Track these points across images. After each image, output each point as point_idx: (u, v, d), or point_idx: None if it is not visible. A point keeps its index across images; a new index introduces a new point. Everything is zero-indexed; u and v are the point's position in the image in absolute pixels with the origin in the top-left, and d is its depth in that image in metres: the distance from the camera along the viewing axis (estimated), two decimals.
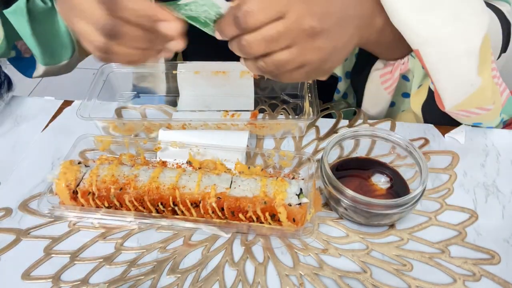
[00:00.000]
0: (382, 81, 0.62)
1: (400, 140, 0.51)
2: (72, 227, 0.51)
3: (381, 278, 0.45)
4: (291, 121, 0.60)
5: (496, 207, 0.51)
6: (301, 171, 0.56)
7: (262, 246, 0.48)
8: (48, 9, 0.66)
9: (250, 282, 0.45)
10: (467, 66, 0.50)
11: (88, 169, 0.50)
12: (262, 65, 0.46)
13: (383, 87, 0.62)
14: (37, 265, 0.47)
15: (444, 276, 0.45)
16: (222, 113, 0.64)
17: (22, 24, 0.63)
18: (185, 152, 0.55)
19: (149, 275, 0.46)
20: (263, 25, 0.42)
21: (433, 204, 0.52)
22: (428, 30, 0.49)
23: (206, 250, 0.48)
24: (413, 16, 0.48)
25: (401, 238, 0.48)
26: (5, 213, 0.52)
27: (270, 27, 0.42)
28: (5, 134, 0.64)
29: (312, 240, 0.49)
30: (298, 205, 0.46)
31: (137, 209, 0.49)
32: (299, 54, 0.44)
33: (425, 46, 0.50)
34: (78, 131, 0.59)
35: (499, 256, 0.46)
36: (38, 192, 0.55)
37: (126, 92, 0.71)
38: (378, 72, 0.61)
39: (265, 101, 0.68)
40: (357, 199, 0.45)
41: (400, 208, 0.45)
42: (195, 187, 0.48)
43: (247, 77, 0.65)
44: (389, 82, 0.61)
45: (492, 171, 0.56)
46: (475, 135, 0.61)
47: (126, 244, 0.49)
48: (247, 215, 0.46)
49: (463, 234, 0.48)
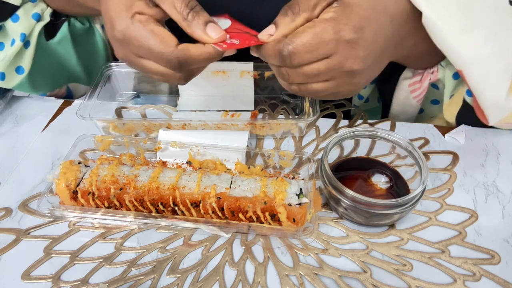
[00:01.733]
0: (411, 90, 0.61)
1: (400, 140, 0.51)
2: (72, 227, 0.51)
3: (381, 278, 0.45)
4: (291, 121, 0.60)
5: (496, 207, 0.51)
6: (301, 171, 0.56)
7: (262, 246, 0.48)
8: (87, 29, 0.68)
9: (250, 282, 0.45)
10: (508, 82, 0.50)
11: (88, 169, 0.50)
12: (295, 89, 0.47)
13: (412, 96, 0.62)
14: (37, 265, 0.47)
15: (444, 276, 0.45)
16: (222, 113, 0.64)
17: (68, 51, 0.66)
18: (185, 152, 0.55)
19: (149, 275, 0.46)
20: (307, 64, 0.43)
21: (433, 204, 0.52)
22: (470, 50, 0.49)
23: (206, 250, 0.48)
24: (456, 37, 0.48)
25: (401, 238, 0.48)
26: (5, 213, 0.52)
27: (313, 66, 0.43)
28: (5, 134, 0.64)
29: (312, 240, 0.49)
30: (298, 205, 0.46)
31: (137, 209, 0.49)
32: (334, 87, 0.45)
33: (468, 66, 0.50)
34: (78, 131, 0.59)
35: (499, 256, 0.46)
36: (38, 192, 0.55)
37: (126, 92, 0.71)
38: (407, 81, 0.61)
39: (265, 101, 0.68)
40: (357, 199, 0.45)
41: (400, 208, 0.45)
42: (195, 187, 0.48)
43: (247, 77, 0.65)
44: (418, 91, 0.61)
45: (492, 171, 0.56)
46: (475, 135, 0.61)
47: (126, 244, 0.49)
48: (247, 215, 0.46)
49: (463, 234, 0.48)
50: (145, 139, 0.57)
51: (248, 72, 0.64)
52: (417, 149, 0.50)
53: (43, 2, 0.62)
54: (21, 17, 0.60)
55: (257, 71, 0.64)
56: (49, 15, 0.63)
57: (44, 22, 0.62)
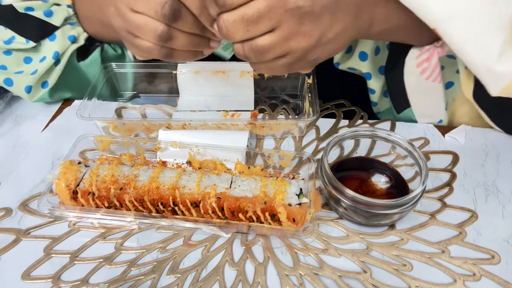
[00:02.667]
0: (421, 71, 0.55)
1: (400, 140, 0.51)
2: (72, 227, 0.51)
3: (381, 278, 0.45)
4: (291, 121, 0.60)
5: (496, 207, 0.51)
6: (301, 171, 0.56)
7: (262, 246, 0.48)
8: (119, 55, 0.69)
9: (250, 282, 0.45)
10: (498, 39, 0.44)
11: (88, 169, 0.50)
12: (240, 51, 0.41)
13: (423, 77, 0.55)
14: (37, 265, 0.47)
15: (444, 276, 0.45)
16: (222, 113, 0.64)
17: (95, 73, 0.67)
18: (185, 152, 0.55)
19: (149, 275, 0.46)
20: (243, 3, 0.37)
21: (433, 204, 0.52)
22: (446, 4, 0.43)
23: (206, 250, 0.48)
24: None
25: (401, 238, 0.48)
26: (5, 213, 0.52)
27: (251, 5, 0.37)
28: (5, 134, 0.64)
29: (312, 240, 0.49)
30: (298, 205, 0.46)
31: (137, 209, 0.49)
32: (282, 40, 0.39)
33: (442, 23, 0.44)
34: (78, 131, 0.59)
35: (499, 256, 0.46)
36: (38, 192, 0.55)
37: (126, 92, 0.71)
38: (413, 62, 0.54)
39: (265, 101, 0.68)
40: (357, 199, 0.45)
41: (400, 208, 0.45)
42: (195, 187, 0.48)
43: (247, 77, 0.65)
44: (428, 71, 0.54)
45: (492, 171, 0.56)
46: (475, 135, 0.61)
47: (126, 244, 0.49)
48: (247, 215, 0.46)
49: (463, 234, 0.48)
50: (145, 139, 0.57)
51: (248, 72, 0.64)
52: (417, 149, 0.50)
53: (80, 27, 0.64)
54: (58, 37, 0.62)
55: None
56: (84, 39, 0.65)
57: (78, 44, 0.64)
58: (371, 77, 0.63)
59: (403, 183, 0.51)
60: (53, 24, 0.62)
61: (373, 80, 0.64)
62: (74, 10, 0.63)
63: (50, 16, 0.62)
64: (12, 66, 0.63)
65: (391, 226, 0.50)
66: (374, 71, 0.64)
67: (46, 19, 0.62)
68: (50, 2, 0.62)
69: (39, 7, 0.62)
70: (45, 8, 0.62)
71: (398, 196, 0.46)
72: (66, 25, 0.63)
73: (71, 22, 0.64)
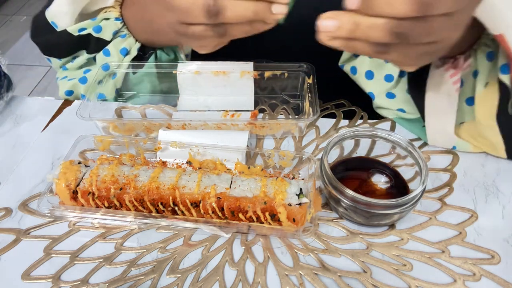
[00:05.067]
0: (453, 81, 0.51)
1: (400, 140, 0.51)
2: (72, 227, 0.51)
3: (381, 278, 0.45)
4: (291, 121, 0.60)
5: (496, 207, 0.51)
6: (301, 171, 0.56)
7: (262, 246, 0.48)
8: (172, 59, 0.70)
9: (250, 282, 0.45)
10: None
11: (88, 169, 0.50)
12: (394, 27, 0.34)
13: (451, 80, 0.51)
14: (37, 265, 0.47)
15: (444, 276, 0.45)
16: (222, 113, 0.64)
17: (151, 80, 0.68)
18: (185, 152, 0.55)
19: (149, 275, 0.46)
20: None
21: (433, 204, 0.52)
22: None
23: (206, 250, 0.48)
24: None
25: (401, 238, 0.48)
26: (5, 213, 0.52)
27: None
28: (5, 134, 0.64)
29: (312, 240, 0.49)
30: (298, 205, 0.46)
31: (137, 209, 0.49)
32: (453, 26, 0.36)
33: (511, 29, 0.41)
34: (78, 131, 0.59)
35: (499, 256, 0.46)
36: (38, 192, 0.55)
37: (126, 92, 0.71)
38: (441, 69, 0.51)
39: (265, 101, 0.68)
40: (357, 199, 0.45)
41: (400, 208, 0.45)
42: (195, 187, 0.48)
43: (247, 77, 0.65)
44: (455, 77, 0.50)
45: (492, 171, 0.56)
46: None
47: (126, 244, 0.49)
48: (247, 215, 0.46)
49: (463, 234, 0.48)
50: (145, 139, 0.57)
51: (248, 72, 0.64)
52: (417, 149, 0.50)
53: (131, 37, 0.65)
54: (112, 52, 0.65)
55: (257, 71, 0.64)
56: (137, 50, 0.66)
57: (131, 56, 0.66)
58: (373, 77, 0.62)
59: (403, 183, 0.51)
60: (104, 39, 0.64)
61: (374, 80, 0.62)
62: (122, 21, 0.64)
63: (99, 32, 0.64)
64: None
65: (391, 226, 0.50)
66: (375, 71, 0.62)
67: (97, 36, 0.64)
68: (99, 18, 0.64)
69: (89, 25, 0.63)
70: (95, 24, 0.63)
71: (398, 196, 0.46)
72: (117, 38, 0.65)
73: (122, 34, 0.65)
